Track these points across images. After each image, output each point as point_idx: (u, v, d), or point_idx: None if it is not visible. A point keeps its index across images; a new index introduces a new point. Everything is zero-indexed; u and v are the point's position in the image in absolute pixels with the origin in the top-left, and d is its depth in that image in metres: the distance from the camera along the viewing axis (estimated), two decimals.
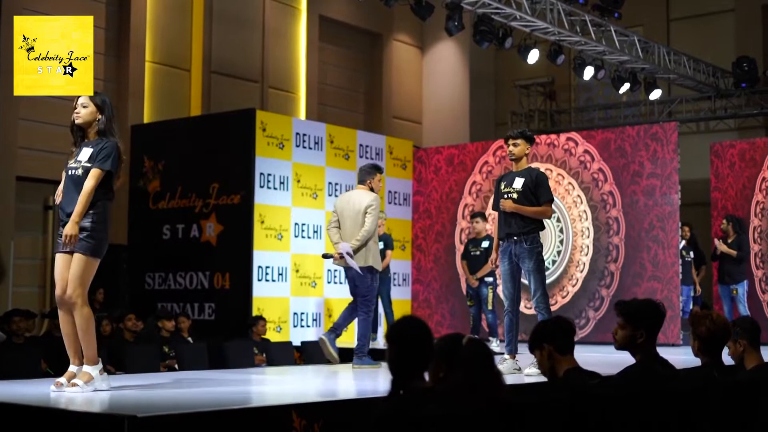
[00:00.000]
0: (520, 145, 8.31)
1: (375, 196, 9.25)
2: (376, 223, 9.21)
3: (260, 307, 12.74)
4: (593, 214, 13.96)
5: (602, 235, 13.87)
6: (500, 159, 14.70)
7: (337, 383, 7.66)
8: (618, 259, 13.70)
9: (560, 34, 15.68)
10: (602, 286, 13.78)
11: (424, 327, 3.84)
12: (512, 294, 8.24)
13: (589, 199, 14.01)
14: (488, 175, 14.85)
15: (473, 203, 14.97)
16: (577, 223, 14.09)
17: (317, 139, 13.88)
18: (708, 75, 18.87)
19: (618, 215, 13.77)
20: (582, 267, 13.98)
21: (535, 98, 21.42)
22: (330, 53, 18.90)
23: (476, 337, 4.07)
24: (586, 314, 13.73)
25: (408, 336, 3.82)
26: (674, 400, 4.60)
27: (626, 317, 4.91)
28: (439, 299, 15.24)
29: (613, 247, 13.76)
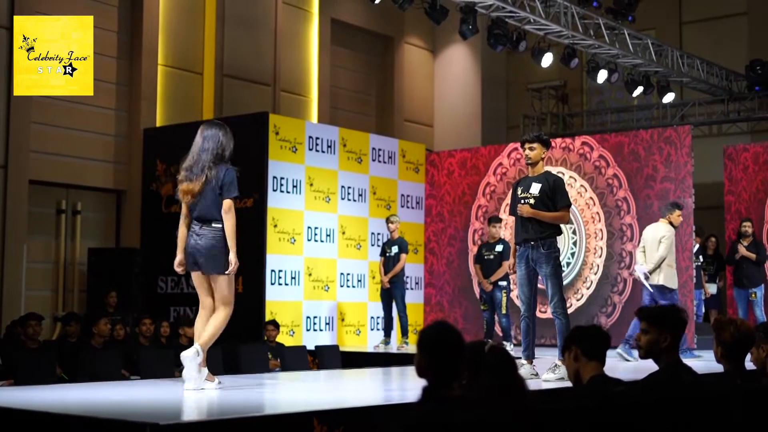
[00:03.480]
0: (537, 149, 8.27)
1: (669, 228, 11.29)
2: (667, 251, 11.13)
3: (273, 311, 12.72)
4: (607, 220, 13.91)
5: (615, 241, 13.82)
6: (515, 161, 14.66)
7: (356, 389, 7.63)
8: (631, 266, 13.64)
9: (574, 38, 15.66)
10: (615, 292, 13.73)
11: (456, 334, 3.80)
12: (529, 299, 8.20)
13: (603, 204, 13.96)
14: (502, 177, 14.81)
15: (487, 204, 14.94)
16: (590, 225, 14.04)
17: (330, 143, 13.87)
18: (721, 78, 18.82)
19: (632, 222, 13.72)
20: (596, 269, 13.93)
21: (547, 101, 21.37)
22: (342, 56, 18.88)
23: (499, 344, 4.04)
24: (598, 320, 13.68)
25: (442, 343, 3.78)
26: (700, 408, 4.55)
27: (651, 321, 4.86)
28: (451, 303, 15.20)
29: (626, 253, 13.70)
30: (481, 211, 15.00)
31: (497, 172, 14.99)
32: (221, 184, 6.78)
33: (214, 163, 6.85)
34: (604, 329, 4.90)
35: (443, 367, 3.73)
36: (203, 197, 6.82)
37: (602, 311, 13.76)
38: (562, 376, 7.43)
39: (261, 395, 6.75)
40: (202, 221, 6.87)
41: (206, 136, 6.96)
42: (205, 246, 6.83)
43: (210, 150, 6.88)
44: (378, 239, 14.26)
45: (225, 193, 6.79)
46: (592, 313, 13.71)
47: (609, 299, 13.79)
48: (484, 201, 15.06)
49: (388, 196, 14.75)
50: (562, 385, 6.99)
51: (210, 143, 6.90)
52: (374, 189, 14.51)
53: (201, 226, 6.86)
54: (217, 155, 6.87)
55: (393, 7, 14.61)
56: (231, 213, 6.78)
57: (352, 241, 14.10)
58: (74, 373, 9.37)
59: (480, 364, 3.77)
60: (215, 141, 6.91)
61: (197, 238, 6.88)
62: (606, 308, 13.80)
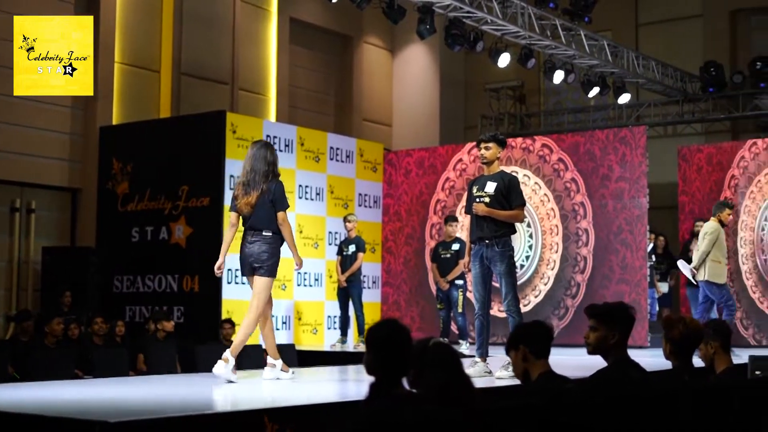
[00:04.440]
0: (492, 148, 8.33)
1: (715, 225, 11.47)
2: (710, 246, 11.29)
3: (230, 310, 12.67)
4: (563, 223, 14.01)
5: (571, 244, 13.92)
6: (474, 158, 14.72)
7: (310, 387, 7.64)
8: (585, 270, 13.76)
9: (531, 38, 15.75)
10: (568, 295, 13.84)
11: (404, 331, 3.82)
12: (483, 297, 8.24)
13: (561, 207, 14.06)
14: (462, 173, 14.86)
15: (446, 199, 14.98)
16: (548, 236, 14.13)
17: (288, 142, 13.84)
18: (676, 79, 19.01)
19: (588, 227, 13.83)
20: (553, 264, 14.02)
21: (504, 101, 21.48)
22: (300, 55, 18.85)
23: (442, 340, 4.07)
24: (550, 322, 13.77)
25: (390, 340, 3.80)
26: (647, 404, 4.61)
27: (599, 318, 4.92)
28: (408, 302, 15.24)
29: (581, 258, 13.82)
30: (440, 205, 15.04)
31: (457, 168, 15.04)
32: (272, 198, 7.64)
33: (267, 178, 7.69)
34: (547, 325, 4.94)
35: (391, 364, 3.76)
36: (258, 209, 7.66)
37: (555, 313, 13.86)
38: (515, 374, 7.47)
39: (214, 393, 6.75)
40: (254, 230, 7.70)
41: (257, 155, 7.79)
42: (258, 251, 7.67)
43: (260, 167, 7.72)
44: (335, 238, 14.25)
45: (278, 206, 7.66)
46: (545, 314, 13.79)
47: (562, 302, 13.89)
48: (443, 195, 15.11)
49: (345, 195, 14.75)
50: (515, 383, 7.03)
51: (261, 161, 7.74)
52: (332, 188, 14.51)
53: (253, 234, 7.70)
54: (267, 171, 7.72)
55: (352, 6, 14.62)
56: (286, 223, 7.72)
57: (310, 240, 14.08)
58: (26, 372, 9.29)
59: (424, 361, 3.79)
60: (264, 160, 7.74)
61: (250, 246, 7.73)
62: (558, 310, 13.90)
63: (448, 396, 3.75)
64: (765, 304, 14.25)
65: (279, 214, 7.66)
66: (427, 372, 3.79)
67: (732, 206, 11.73)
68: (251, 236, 7.71)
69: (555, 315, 13.84)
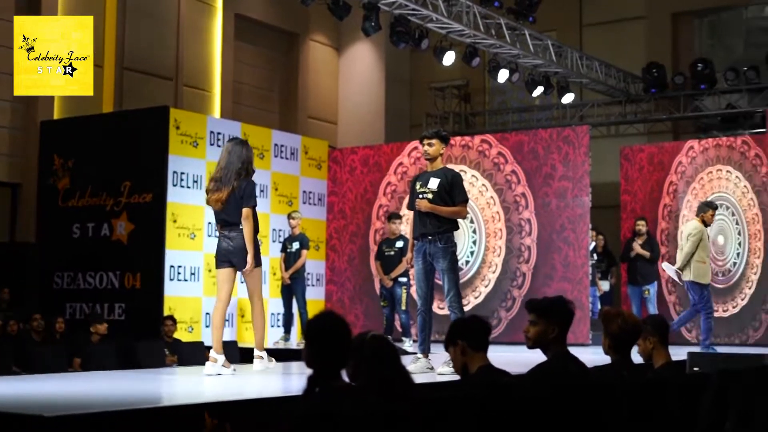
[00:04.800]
0: (435, 145, 8.33)
1: (698, 225, 11.43)
2: (694, 247, 11.26)
3: (172, 307, 12.57)
4: (506, 215, 14.09)
5: (514, 236, 14.00)
6: (415, 160, 14.75)
7: (252, 382, 7.59)
8: (530, 260, 13.84)
9: (475, 37, 15.80)
10: (514, 286, 13.92)
11: (342, 323, 3.81)
12: (425, 293, 8.26)
13: (503, 200, 14.14)
14: (403, 176, 14.88)
15: (388, 204, 14.99)
16: (491, 224, 14.21)
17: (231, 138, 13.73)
18: (619, 80, 19.20)
19: (530, 217, 13.92)
20: (495, 268, 14.10)
21: (450, 100, 21.55)
22: (246, 52, 18.76)
23: (379, 334, 4.06)
24: (498, 314, 13.86)
25: (326, 332, 3.78)
26: (586, 398, 4.64)
27: (539, 312, 4.95)
28: (352, 300, 15.22)
29: (525, 248, 13.90)
30: (382, 210, 15.03)
31: (398, 171, 15.06)
32: (241, 195, 7.78)
33: (239, 176, 7.84)
34: (484, 318, 4.96)
35: (329, 356, 3.74)
36: (228, 205, 7.81)
37: (502, 305, 13.93)
38: None
39: (152, 388, 6.68)
40: (229, 224, 7.86)
41: (232, 151, 7.93)
42: (238, 246, 7.83)
43: (234, 164, 7.87)
44: (279, 235, 14.20)
45: (245, 202, 7.80)
46: (492, 307, 13.88)
47: (509, 293, 13.95)
48: (385, 200, 15.11)
49: (290, 192, 14.70)
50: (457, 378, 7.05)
51: (235, 157, 7.89)
52: (276, 185, 14.45)
53: (231, 229, 7.86)
54: (241, 168, 7.87)
55: (297, 3, 14.57)
56: (249, 220, 7.79)
57: None
58: None
59: (362, 354, 3.79)
60: (239, 156, 7.90)
61: (229, 241, 7.87)
62: (506, 302, 13.97)
63: (385, 388, 3.75)
64: None
65: (244, 209, 7.79)
66: (364, 365, 3.78)
67: (716, 207, 11.78)
68: (229, 231, 7.89)
69: (503, 307, 13.92)
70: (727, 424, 5.86)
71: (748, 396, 5.96)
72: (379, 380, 3.81)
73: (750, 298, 14.02)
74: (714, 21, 20.80)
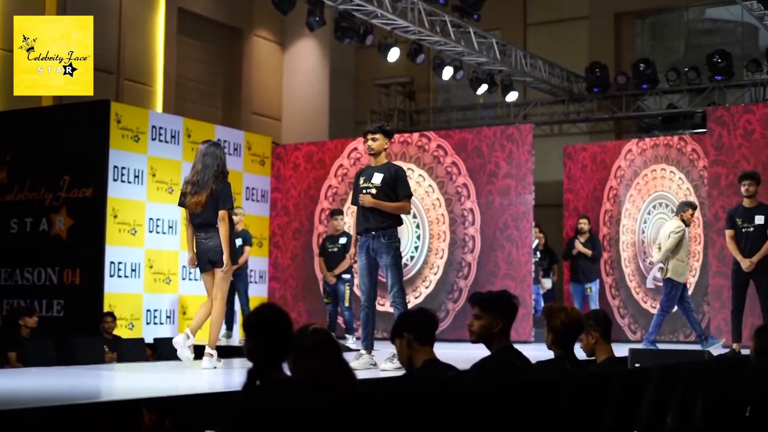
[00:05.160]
0: (379, 139, 8.29)
1: (680, 224, 11.40)
2: (674, 245, 11.24)
3: (112, 303, 12.39)
4: (448, 207, 14.10)
5: (458, 226, 14.03)
6: (355, 161, 14.73)
7: (191, 378, 7.49)
8: (474, 250, 13.87)
9: (420, 34, 15.79)
10: (460, 277, 13.93)
11: (282, 315, 3.75)
12: (369, 289, 8.21)
13: (444, 192, 14.15)
14: (344, 178, 14.83)
15: (330, 207, 14.91)
16: (431, 211, 14.21)
17: (174, 133, 13.60)
18: (562, 79, 19.32)
19: (473, 206, 13.95)
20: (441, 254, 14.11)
21: (394, 98, 21.54)
22: (189, 47, 18.58)
23: (321, 327, 4.01)
24: (446, 307, 13.87)
25: (265, 324, 3.72)
26: (529, 392, 4.62)
27: (482, 306, 4.93)
28: (295, 297, 15.14)
29: (469, 237, 13.93)
30: (324, 214, 14.96)
31: (338, 174, 15.00)
32: (218, 197, 8.04)
33: (216, 178, 8.08)
34: (430, 311, 4.92)
35: (269, 348, 3.68)
36: (207, 208, 8.05)
37: (449, 297, 13.93)
38: (399, 365, 7.44)
39: (89, 384, 6.55)
40: (207, 226, 8.09)
41: (207, 153, 8.16)
42: (215, 245, 8.09)
43: (210, 166, 8.10)
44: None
45: (221, 204, 8.04)
46: (439, 300, 13.90)
47: (455, 284, 13.96)
48: (327, 203, 15.04)
49: (233, 188, 14.52)
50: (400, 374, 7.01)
51: (210, 160, 8.11)
52: None
53: (207, 230, 8.11)
54: (218, 171, 8.12)
55: None
56: (224, 222, 8.06)
57: None
58: None
59: (303, 347, 3.73)
60: (215, 159, 8.13)
61: (207, 242, 8.14)
62: (453, 294, 13.97)
63: (326, 382, 3.69)
64: (641, 295, 14.55)
65: (220, 211, 8.01)
66: (305, 358, 3.72)
67: (695, 206, 11.83)
68: (206, 233, 8.12)
69: (449, 299, 13.94)
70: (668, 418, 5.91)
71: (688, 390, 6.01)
72: (319, 373, 3.76)
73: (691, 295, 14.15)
74: (655, 22, 21.03)
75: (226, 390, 5.68)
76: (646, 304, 14.46)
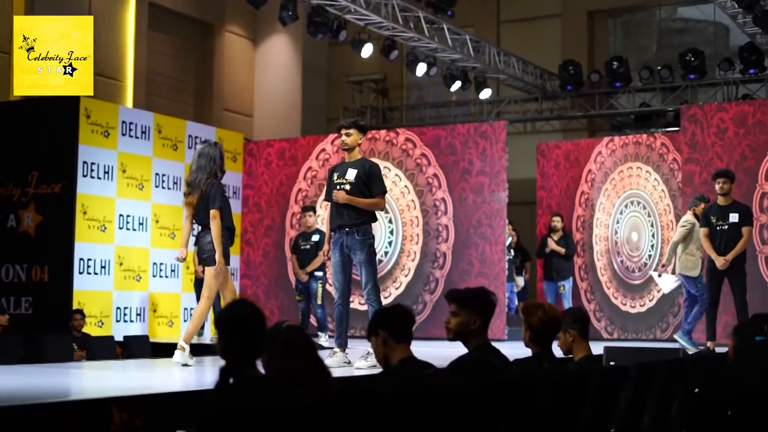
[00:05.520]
0: (353, 135, 8.20)
1: (690, 218, 11.26)
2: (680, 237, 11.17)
3: (81, 301, 12.23)
4: (424, 219, 14.04)
5: (431, 217, 13.97)
6: (324, 162, 14.64)
7: (161, 377, 7.37)
8: (449, 239, 13.81)
9: (394, 30, 15.70)
10: (436, 267, 13.87)
11: (255, 311, 3.64)
12: (343, 286, 8.12)
13: (422, 203, 14.08)
14: (324, 163, 14.70)
15: (307, 189, 14.81)
16: (408, 228, 14.14)
17: (144, 129, 13.45)
18: (536, 77, 19.28)
19: (444, 196, 13.89)
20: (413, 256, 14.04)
21: (367, 94, 21.44)
22: (160, 42, 18.40)
23: (295, 324, 3.92)
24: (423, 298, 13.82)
25: (239, 321, 3.62)
26: (507, 391, 4.54)
27: (460, 303, 4.84)
28: (267, 294, 15.02)
29: (442, 227, 13.88)
30: (302, 194, 14.86)
31: (320, 158, 14.89)
32: (207, 197, 8.11)
33: (208, 179, 8.15)
34: (408, 309, 4.82)
35: (242, 346, 3.58)
36: (200, 208, 8.18)
37: (425, 289, 13.86)
38: (374, 363, 7.36)
39: (58, 382, 6.41)
40: (203, 225, 8.23)
41: (202, 154, 8.26)
42: (204, 241, 8.22)
43: (204, 167, 8.20)
44: (193, 229, 13.89)
45: (210, 204, 8.09)
46: (416, 292, 13.83)
47: (420, 297, 13.90)
48: (305, 185, 14.94)
49: None
50: (375, 372, 6.92)
51: (204, 161, 8.21)
52: None
53: (203, 229, 8.25)
54: (210, 172, 8.18)
55: None
56: (216, 220, 8.10)
57: (166, 230, 13.72)
58: None
59: (276, 345, 3.63)
60: (209, 160, 8.22)
61: (200, 240, 8.27)
62: (429, 285, 13.90)
63: (299, 380, 3.60)
64: (619, 299, 14.55)
65: (211, 210, 8.09)
66: (279, 356, 3.62)
67: (708, 200, 11.64)
68: (202, 230, 8.27)
69: (426, 290, 13.88)
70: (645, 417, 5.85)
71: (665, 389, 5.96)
72: (294, 371, 3.67)
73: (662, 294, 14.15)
74: (627, 21, 21.06)
75: (198, 389, 5.57)
76: (625, 306, 14.44)
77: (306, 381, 3.66)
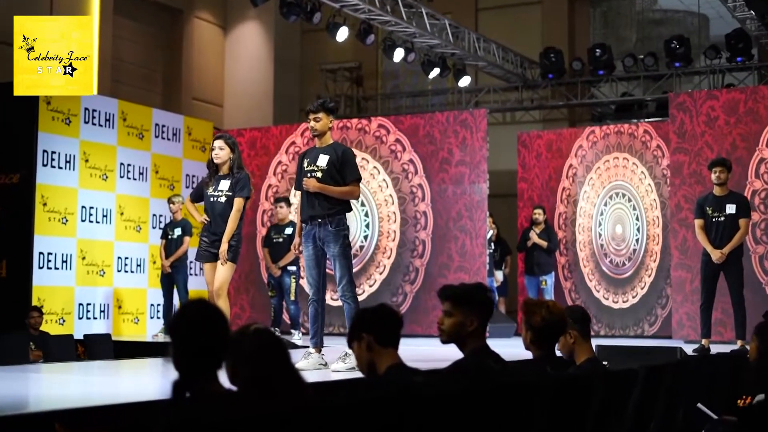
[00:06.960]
0: (322, 119, 7.55)
1: None
2: None
3: (41, 297, 11.64)
4: (401, 206, 13.49)
5: (408, 204, 13.44)
6: (294, 155, 14.09)
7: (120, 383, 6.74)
8: (424, 255, 13.31)
9: (370, 13, 15.00)
10: (415, 256, 13.35)
11: (214, 312, 3.04)
12: (317, 281, 7.50)
13: (398, 190, 13.55)
14: (294, 156, 14.14)
15: (278, 184, 14.25)
16: (383, 207, 13.62)
17: (108, 116, 12.86)
18: (516, 65, 18.71)
19: (426, 209, 13.36)
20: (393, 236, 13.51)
21: (341, 83, 20.81)
22: (125, 27, 17.69)
23: (264, 327, 3.34)
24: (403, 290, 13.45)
25: (195, 325, 3.01)
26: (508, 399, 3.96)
27: (455, 301, 4.23)
28: (238, 290, 14.44)
29: (420, 214, 13.36)
30: (272, 190, 14.30)
31: (290, 151, 14.31)
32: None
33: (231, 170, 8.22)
34: (395, 310, 4.16)
35: (200, 355, 2.98)
36: None
37: (393, 300, 13.31)
38: (353, 365, 6.77)
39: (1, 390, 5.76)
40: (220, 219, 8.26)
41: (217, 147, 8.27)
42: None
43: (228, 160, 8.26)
44: (160, 221, 13.34)
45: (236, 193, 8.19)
46: (396, 283, 13.47)
47: (401, 288, 13.39)
48: (275, 180, 14.38)
49: (171, 175, 13.81)
50: (354, 376, 6.34)
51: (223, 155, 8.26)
52: (157, 167, 13.55)
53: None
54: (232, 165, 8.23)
55: None
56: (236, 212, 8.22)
57: (132, 223, 13.11)
58: None
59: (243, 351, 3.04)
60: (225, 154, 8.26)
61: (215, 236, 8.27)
62: (396, 297, 13.39)
63: (270, 391, 3.02)
64: (601, 292, 14.11)
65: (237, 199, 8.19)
66: (246, 364, 3.04)
67: None
68: None
69: (406, 281, 13.38)
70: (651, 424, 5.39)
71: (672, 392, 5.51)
72: (263, 381, 3.09)
73: (649, 287, 13.76)
74: (607, 11, 20.60)
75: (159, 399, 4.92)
76: (608, 300, 14.03)
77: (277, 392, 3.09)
